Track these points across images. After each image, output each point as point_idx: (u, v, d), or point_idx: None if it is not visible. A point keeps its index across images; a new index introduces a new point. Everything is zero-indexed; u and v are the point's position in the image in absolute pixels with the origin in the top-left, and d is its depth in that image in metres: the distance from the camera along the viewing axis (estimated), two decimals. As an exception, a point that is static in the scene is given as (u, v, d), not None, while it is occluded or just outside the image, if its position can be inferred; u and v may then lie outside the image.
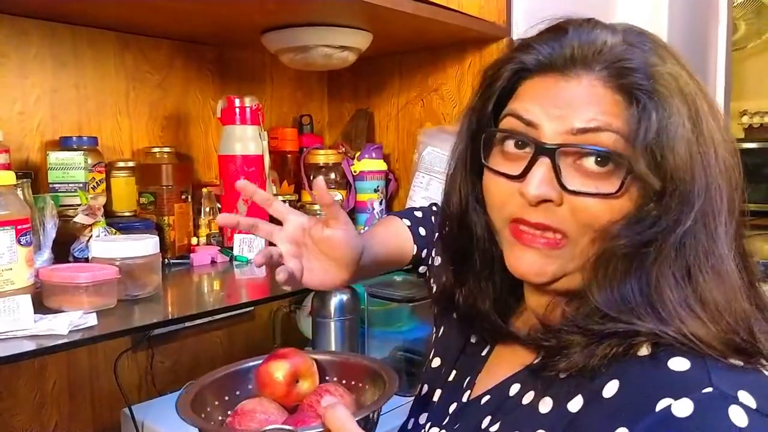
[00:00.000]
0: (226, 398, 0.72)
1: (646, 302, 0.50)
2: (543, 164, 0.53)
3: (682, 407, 0.44)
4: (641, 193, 0.52)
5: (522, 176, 0.54)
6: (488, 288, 0.65)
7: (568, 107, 0.53)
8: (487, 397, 0.62)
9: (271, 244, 0.67)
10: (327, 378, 0.74)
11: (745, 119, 2.71)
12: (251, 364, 0.74)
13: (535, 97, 0.55)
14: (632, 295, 0.50)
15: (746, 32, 2.61)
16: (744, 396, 0.44)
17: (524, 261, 0.56)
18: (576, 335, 0.52)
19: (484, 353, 0.68)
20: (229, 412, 0.68)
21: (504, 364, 0.63)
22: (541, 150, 0.53)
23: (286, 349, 0.72)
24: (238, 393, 0.72)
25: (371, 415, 0.63)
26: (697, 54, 1.78)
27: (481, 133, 0.59)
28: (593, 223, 0.53)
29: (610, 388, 0.49)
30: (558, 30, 0.57)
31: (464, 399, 0.66)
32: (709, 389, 0.45)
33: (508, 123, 0.57)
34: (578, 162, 0.53)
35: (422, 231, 0.87)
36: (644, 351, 0.49)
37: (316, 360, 0.72)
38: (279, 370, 0.68)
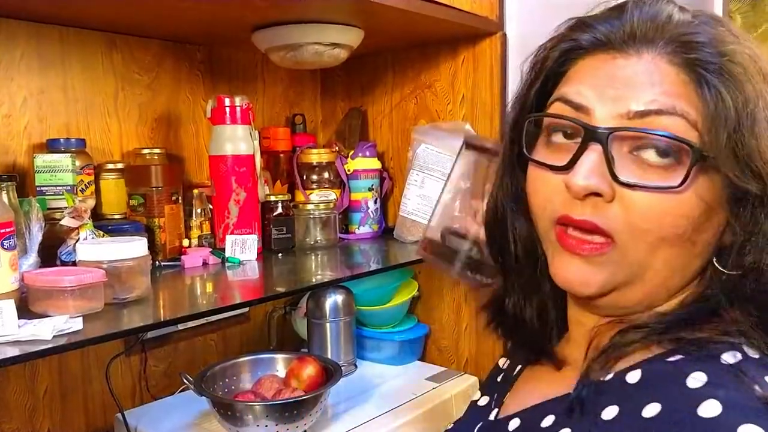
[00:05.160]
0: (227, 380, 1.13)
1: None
2: (593, 151, 0.46)
3: None
4: (712, 193, 0.46)
5: (569, 167, 0.47)
6: (533, 300, 0.60)
7: (625, 87, 0.46)
8: (516, 421, 0.56)
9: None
10: None
11: (742, 113, 2.70)
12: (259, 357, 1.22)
13: (587, 78, 0.48)
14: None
15: (742, 25, 2.59)
16: None
17: (569, 268, 0.49)
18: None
19: (514, 372, 0.64)
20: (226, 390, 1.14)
21: (536, 387, 0.58)
22: (591, 135, 0.46)
23: (309, 355, 1.17)
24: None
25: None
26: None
27: (524, 122, 0.53)
28: (649, 225, 0.45)
29: None
30: (618, 8, 0.50)
31: (491, 417, 0.61)
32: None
33: (555, 109, 0.50)
34: (636, 152, 0.46)
35: None
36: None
37: None
38: (309, 368, 1.12)
